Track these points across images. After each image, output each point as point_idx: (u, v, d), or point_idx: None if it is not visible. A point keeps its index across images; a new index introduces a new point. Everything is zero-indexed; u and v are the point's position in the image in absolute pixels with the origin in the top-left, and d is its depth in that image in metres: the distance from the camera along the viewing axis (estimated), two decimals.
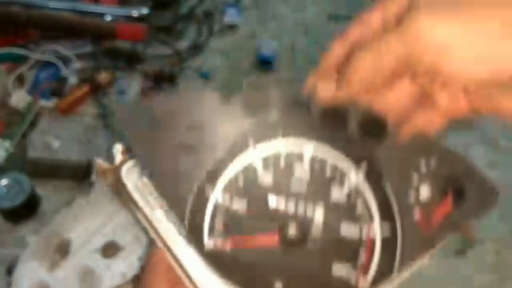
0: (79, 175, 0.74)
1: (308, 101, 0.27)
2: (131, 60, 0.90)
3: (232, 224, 0.29)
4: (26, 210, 0.71)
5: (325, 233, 0.28)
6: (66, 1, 0.91)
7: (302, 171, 0.28)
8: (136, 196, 0.32)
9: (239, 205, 0.29)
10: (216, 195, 0.29)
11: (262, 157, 0.28)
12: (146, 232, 0.32)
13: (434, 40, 0.22)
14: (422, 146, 0.27)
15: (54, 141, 0.76)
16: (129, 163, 0.33)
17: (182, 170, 0.29)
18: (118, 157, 0.34)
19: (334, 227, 0.28)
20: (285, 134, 0.28)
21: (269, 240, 0.29)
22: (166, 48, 0.95)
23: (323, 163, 0.28)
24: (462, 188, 0.27)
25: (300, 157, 0.28)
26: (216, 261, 0.29)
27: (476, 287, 0.70)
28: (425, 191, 0.27)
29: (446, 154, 0.28)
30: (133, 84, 0.87)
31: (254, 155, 0.28)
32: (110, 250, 0.65)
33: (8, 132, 0.78)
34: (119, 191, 0.33)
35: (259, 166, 0.28)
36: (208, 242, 0.29)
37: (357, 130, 0.28)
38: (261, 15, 1.06)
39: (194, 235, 0.29)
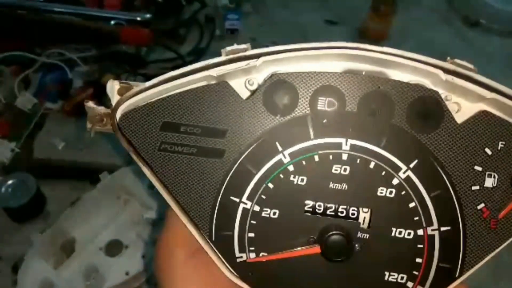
0: (84, 176, 0.75)
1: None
2: (134, 63, 0.91)
3: (266, 234, 0.25)
4: (31, 210, 0.72)
5: (372, 240, 0.24)
6: (71, 5, 0.93)
7: (340, 170, 0.23)
8: (137, 143, 0.25)
9: (272, 213, 0.25)
10: (245, 203, 0.25)
11: (293, 157, 0.24)
12: (152, 184, 0.27)
13: None
14: (486, 129, 0.22)
15: (59, 142, 0.78)
16: (128, 103, 0.25)
17: (201, 175, 0.25)
18: (115, 98, 0.26)
19: (383, 232, 0.24)
20: (317, 135, 0.23)
21: (309, 251, 0.24)
22: (169, 52, 0.97)
23: (365, 161, 0.23)
24: None
25: (337, 156, 0.23)
26: (250, 274, 0.25)
27: (470, 286, 0.71)
28: (490, 182, 0.23)
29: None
30: None
31: (284, 157, 0.24)
32: (114, 248, 0.66)
33: (14, 133, 0.79)
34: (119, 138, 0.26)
35: (290, 168, 0.24)
36: (240, 254, 0.25)
37: (406, 121, 0.23)
38: (261, 20, 1.08)
39: (222, 247, 0.25)
